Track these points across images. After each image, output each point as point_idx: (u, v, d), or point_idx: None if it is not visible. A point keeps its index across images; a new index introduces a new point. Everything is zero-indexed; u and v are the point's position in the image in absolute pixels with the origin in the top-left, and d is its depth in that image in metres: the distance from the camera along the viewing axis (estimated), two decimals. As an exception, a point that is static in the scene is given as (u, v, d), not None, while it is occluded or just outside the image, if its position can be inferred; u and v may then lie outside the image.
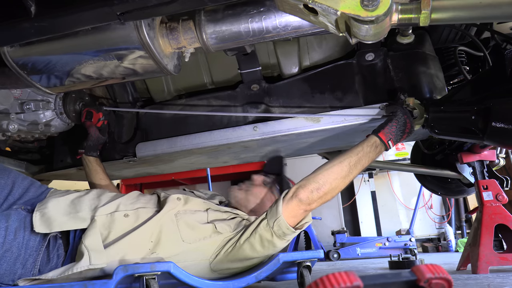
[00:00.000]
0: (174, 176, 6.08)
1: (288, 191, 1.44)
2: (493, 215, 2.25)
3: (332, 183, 1.41)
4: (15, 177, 1.53)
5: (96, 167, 1.86)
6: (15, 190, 1.50)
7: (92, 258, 1.29)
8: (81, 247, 1.32)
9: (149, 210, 1.49)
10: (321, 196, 1.41)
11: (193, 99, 2.00)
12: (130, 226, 1.42)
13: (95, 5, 0.99)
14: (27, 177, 1.59)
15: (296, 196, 1.40)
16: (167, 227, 1.43)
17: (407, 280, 0.70)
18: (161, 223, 1.43)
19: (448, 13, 0.90)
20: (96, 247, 1.33)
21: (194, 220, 1.47)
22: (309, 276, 1.49)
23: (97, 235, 1.36)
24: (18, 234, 1.34)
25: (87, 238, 1.34)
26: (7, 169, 1.54)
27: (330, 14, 0.84)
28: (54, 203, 1.44)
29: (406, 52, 1.79)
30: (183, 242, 1.41)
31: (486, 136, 1.43)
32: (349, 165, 1.44)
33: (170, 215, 1.46)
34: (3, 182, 1.48)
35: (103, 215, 1.43)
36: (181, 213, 1.48)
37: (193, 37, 1.24)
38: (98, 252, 1.32)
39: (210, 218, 1.51)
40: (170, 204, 1.49)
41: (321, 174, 1.43)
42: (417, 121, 1.64)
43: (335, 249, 4.86)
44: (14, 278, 1.32)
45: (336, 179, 1.42)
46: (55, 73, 1.26)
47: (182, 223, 1.45)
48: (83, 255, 1.29)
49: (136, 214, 1.46)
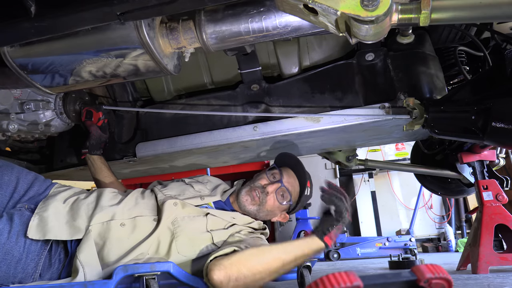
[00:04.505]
0: (174, 176, 6.07)
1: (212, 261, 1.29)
2: (493, 215, 2.25)
3: (256, 275, 1.23)
4: (19, 172, 1.52)
5: (101, 165, 1.85)
6: (20, 186, 1.49)
7: (87, 274, 1.29)
8: (76, 262, 1.31)
9: (147, 219, 1.47)
10: (237, 286, 1.22)
11: (193, 99, 1.99)
12: (126, 236, 1.41)
13: (95, 5, 0.99)
14: (30, 172, 1.58)
15: (209, 273, 1.23)
16: (164, 238, 1.42)
17: (407, 280, 0.70)
18: (159, 234, 1.43)
19: (448, 13, 0.90)
20: (90, 262, 1.31)
21: (192, 230, 1.45)
22: (309, 276, 1.49)
23: (91, 248, 1.35)
24: (20, 238, 1.34)
25: (81, 252, 1.33)
26: (10, 164, 1.53)
27: (330, 14, 0.84)
28: (54, 209, 1.43)
29: (406, 52, 1.79)
30: (178, 254, 1.41)
31: (486, 136, 1.43)
32: (282, 262, 1.28)
33: (167, 223, 1.45)
34: (7, 178, 1.47)
35: (99, 223, 1.41)
36: (179, 220, 1.47)
37: (193, 37, 1.24)
38: (92, 267, 1.31)
39: (209, 226, 1.49)
40: (166, 212, 1.47)
41: (247, 260, 1.24)
42: (417, 121, 1.63)
43: (335, 249, 4.85)
44: (14, 281, 1.31)
45: (263, 272, 1.24)
46: (55, 73, 1.26)
47: (179, 231, 1.44)
48: (78, 271, 1.28)
49: (133, 223, 1.44)
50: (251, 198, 1.61)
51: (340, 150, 2.67)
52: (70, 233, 1.39)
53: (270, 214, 1.65)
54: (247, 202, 1.61)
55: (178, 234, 1.43)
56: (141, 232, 1.43)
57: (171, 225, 1.45)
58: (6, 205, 1.44)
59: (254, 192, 1.62)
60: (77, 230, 1.40)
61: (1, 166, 1.49)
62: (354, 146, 2.55)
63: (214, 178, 1.84)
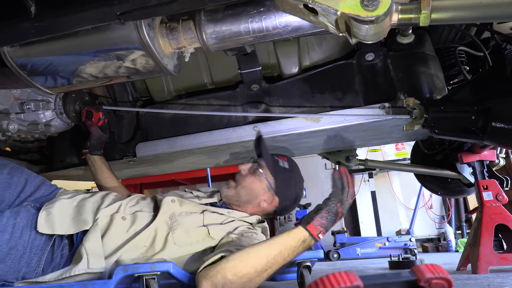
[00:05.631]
0: (174, 176, 6.08)
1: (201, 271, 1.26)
2: (493, 215, 2.25)
3: (243, 278, 1.20)
4: (28, 175, 1.56)
5: (102, 166, 1.86)
6: (27, 188, 1.52)
7: (90, 262, 1.30)
8: (81, 249, 1.33)
9: (146, 214, 1.51)
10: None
11: (193, 99, 2.00)
12: (126, 228, 1.44)
13: (95, 5, 0.99)
14: (38, 176, 1.62)
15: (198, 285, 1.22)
16: (161, 231, 1.45)
17: (407, 280, 0.70)
18: (156, 226, 1.45)
19: (448, 13, 0.90)
20: (95, 251, 1.33)
21: (189, 223, 1.47)
22: (309, 276, 1.49)
23: (98, 239, 1.37)
24: (25, 232, 1.36)
25: (88, 241, 1.35)
26: (20, 167, 1.58)
27: (330, 14, 0.84)
28: (60, 205, 1.46)
29: (406, 52, 1.79)
30: (174, 244, 1.42)
31: (486, 136, 1.43)
32: (267, 258, 1.23)
33: (164, 218, 1.48)
34: (16, 179, 1.51)
35: (105, 216, 1.45)
36: (176, 215, 1.49)
37: (193, 37, 1.24)
38: (97, 256, 1.32)
39: (206, 221, 1.51)
40: (164, 207, 1.50)
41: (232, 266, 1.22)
42: (417, 121, 1.63)
43: (335, 249, 4.86)
44: (18, 277, 1.33)
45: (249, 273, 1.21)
46: (55, 73, 1.26)
47: (176, 225, 1.46)
48: (81, 258, 1.30)
49: (133, 217, 1.48)
50: (227, 185, 1.64)
51: (340, 150, 2.67)
52: (77, 226, 1.42)
53: (252, 193, 1.61)
54: (224, 188, 1.64)
55: (175, 227, 1.46)
56: (139, 225, 1.46)
57: (168, 220, 1.48)
58: (13, 203, 1.47)
59: (230, 179, 1.66)
60: (84, 222, 1.42)
61: (12, 167, 1.53)
62: (354, 146, 2.55)
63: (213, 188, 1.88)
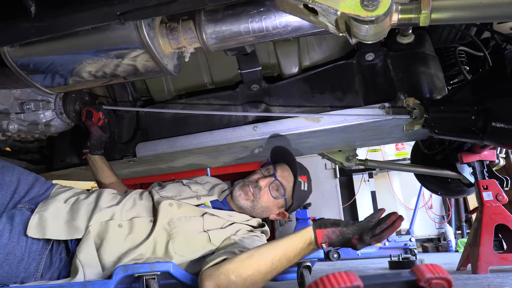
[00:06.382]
0: (174, 176, 6.07)
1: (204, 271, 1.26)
2: (493, 215, 2.25)
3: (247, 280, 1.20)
4: (20, 173, 1.52)
5: (102, 165, 1.86)
6: (20, 187, 1.49)
7: (86, 274, 1.29)
8: (76, 261, 1.32)
9: (144, 221, 1.48)
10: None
11: (193, 99, 1.99)
12: (123, 237, 1.42)
13: (95, 5, 0.99)
14: (31, 173, 1.59)
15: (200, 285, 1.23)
16: (160, 238, 1.43)
17: (407, 280, 0.70)
18: (155, 236, 1.43)
19: (448, 13, 0.90)
20: (90, 262, 1.32)
21: (188, 229, 1.45)
22: (309, 276, 1.49)
23: (91, 247, 1.35)
24: (21, 237, 1.34)
25: (81, 252, 1.34)
26: (11, 165, 1.54)
27: (330, 14, 0.84)
28: (54, 209, 1.44)
29: (406, 52, 1.79)
30: (175, 254, 1.42)
31: (486, 136, 1.43)
32: (271, 260, 1.23)
33: (163, 224, 1.45)
34: (8, 179, 1.48)
35: (98, 223, 1.42)
36: (175, 221, 1.47)
37: (193, 37, 1.24)
38: (92, 267, 1.31)
39: (206, 225, 1.49)
40: (162, 213, 1.47)
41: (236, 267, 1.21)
42: (417, 121, 1.63)
43: (335, 249, 4.85)
44: (16, 282, 1.32)
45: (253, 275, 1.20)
46: (55, 73, 1.26)
47: (175, 232, 1.44)
48: (77, 271, 1.29)
49: (130, 224, 1.45)
50: (244, 193, 1.60)
51: (340, 150, 2.67)
52: (70, 232, 1.40)
53: (266, 210, 1.63)
54: (240, 197, 1.60)
55: (175, 235, 1.44)
56: (138, 233, 1.44)
57: (167, 226, 1.45)
58: (7, 205, 1.44)
59: (247, 187, 1.61)
60: (77, 229, 1.40)
61: (2, 167, 1.50)
62: (354, 146, 2.55)
63: (213, 179, 1.84)
